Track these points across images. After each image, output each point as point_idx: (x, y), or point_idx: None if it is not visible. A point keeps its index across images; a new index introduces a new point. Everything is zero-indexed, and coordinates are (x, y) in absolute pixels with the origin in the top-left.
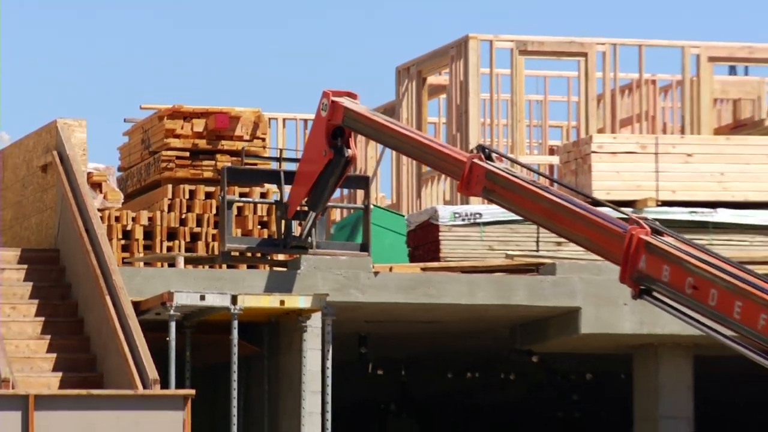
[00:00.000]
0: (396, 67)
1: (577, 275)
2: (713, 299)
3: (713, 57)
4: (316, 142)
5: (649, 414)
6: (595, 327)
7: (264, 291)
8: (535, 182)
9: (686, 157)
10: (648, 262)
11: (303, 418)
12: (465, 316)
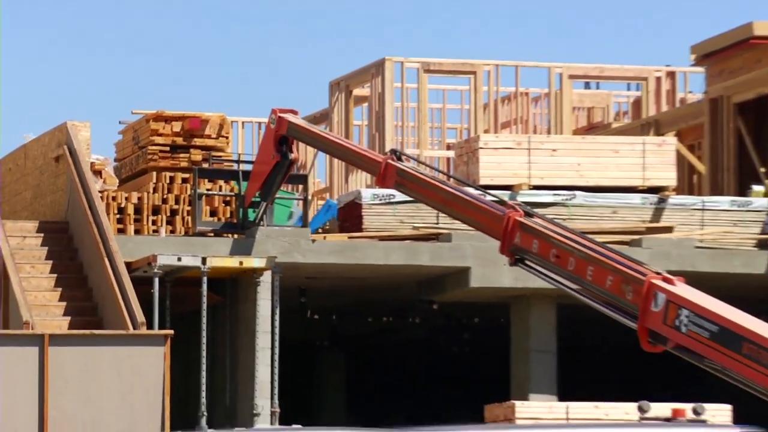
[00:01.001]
0: (329, 82)
1: (467, 242)
2: (571, 265)
3: (572, 75)
4: (267, 148)
5: (522, 348)
6: (481, 282)
7: (227, 254)
8: (435, 177)
9: (551, 152)
10: (521, 238)
11: (257, 353)
12: (382, 273)
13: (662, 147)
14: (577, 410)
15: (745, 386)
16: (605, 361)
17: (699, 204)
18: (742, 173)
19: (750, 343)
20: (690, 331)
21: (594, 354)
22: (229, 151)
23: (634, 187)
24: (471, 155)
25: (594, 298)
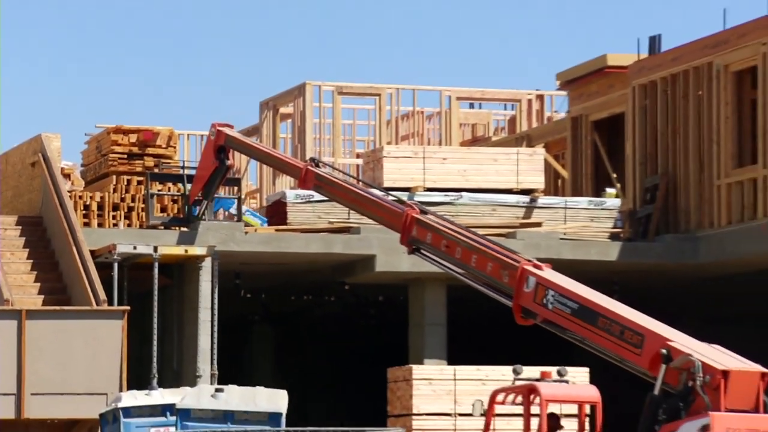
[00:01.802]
0: (259, 102)
1: (373, 235)
2: (458, 254)
3: (459, 97)
4: (207, 156)
5: (418, 322)
6: (384, 267)
7: (175, 244)
8: (346, 181)
9: (442, 160)
10: (417, 231)
11: (199, 325)
12: (303, 260)
13: (533, 156)
14: (462, 372)
15: (599, 353)
16: (487, 332)
17: (562, 203)
18: (597, 178)
19: (603, 318)
20: (555, 308)
21: (478, 327)
22: (176, 159)
23: (510, 189)
24: (376, 163)
25: (477, 280)
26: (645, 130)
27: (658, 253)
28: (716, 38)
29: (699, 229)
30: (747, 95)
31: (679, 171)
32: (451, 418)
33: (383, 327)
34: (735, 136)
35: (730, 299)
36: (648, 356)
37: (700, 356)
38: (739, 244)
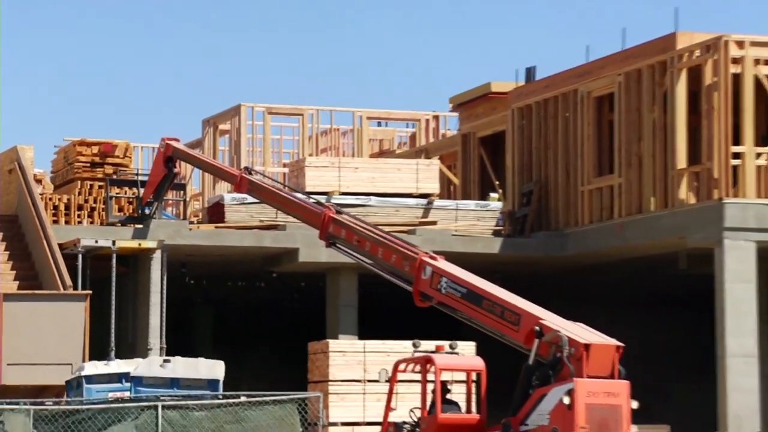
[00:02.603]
0: (202, 120)
1: (297, 231)
2: (368, 247)
3: (369, 117)
4: (158, 165)
5: (334, 304)
6: (306, 258)
7: (130, 238)
8: (275, 186)
9: (355, 169)
10: (333, 228)
11: (150, 307)
12: (238, 252)
13: (429, 167)
14: (370, 346)
15: (484, 329)
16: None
17: (454, 206)
18: (483, 185)
19: (487, 301)
20: (448, 292)
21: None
22: (131, 167)
23: (410, 194)
24: (300, 171)
25: (383, 269)
26: (522, 145)
27: (532, 247)
28: (580, 69)
29: (566, 227)
30: (605, 117)
31: (550, 179)
32: (361, 383)
33: (305, 308)
34: (595, 151)
35: (592, 285)
36: (524, 332)
37: (567, 332)
38: (598, 240)
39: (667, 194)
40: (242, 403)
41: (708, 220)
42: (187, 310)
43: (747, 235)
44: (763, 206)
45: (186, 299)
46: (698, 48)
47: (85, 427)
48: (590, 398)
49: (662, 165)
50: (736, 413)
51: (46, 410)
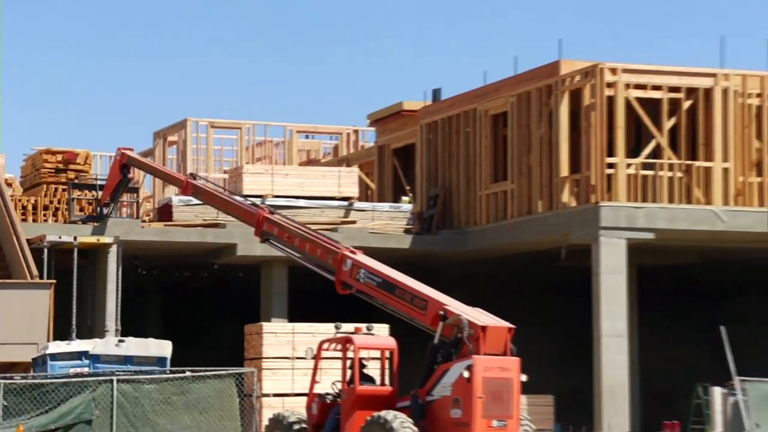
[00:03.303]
0: (153, 132)
1: (236, 229)
2: (297, 243)
3: (299, 131)
4: (114, 171)
5: (267, 291)
6: (243, 252)
7: (90, 234)
8: (216, 189)
9: (285, 176)
10: (267, 226)
11: (107, 294)
12: (184, 247)
13: (350, 174)
14: (298, 328)
15: (396, 314)
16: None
17: (371, 207)
18: (396, 189)
19: (399, 289)
20: (365, 282)
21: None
22: (91, 173)
23: (334, 197)
24: (238, 177)
25: (310, 262)
26: (429, 155)
27: (438, 243)
28: (479, 91)
29: (467, 226)
30: (500, 132)
31: (453, 184)
32: (290, 360)
33: (242, 295)
34: (492, 161)
35: (488, 275)
36: (430, 316)
37: (467, 316)
38: (494, 237)
39: (552, 198)
40: (187, 377)
41: (586, 221)
42: (140, 297)
43: (619, 234)
44: (632, 208)
45: (138, 288)
46: (578, 74)
47: (50, 398)
48: (486, 372)
49: (548, 173)
50: (609, 385)
51: (15, 384)
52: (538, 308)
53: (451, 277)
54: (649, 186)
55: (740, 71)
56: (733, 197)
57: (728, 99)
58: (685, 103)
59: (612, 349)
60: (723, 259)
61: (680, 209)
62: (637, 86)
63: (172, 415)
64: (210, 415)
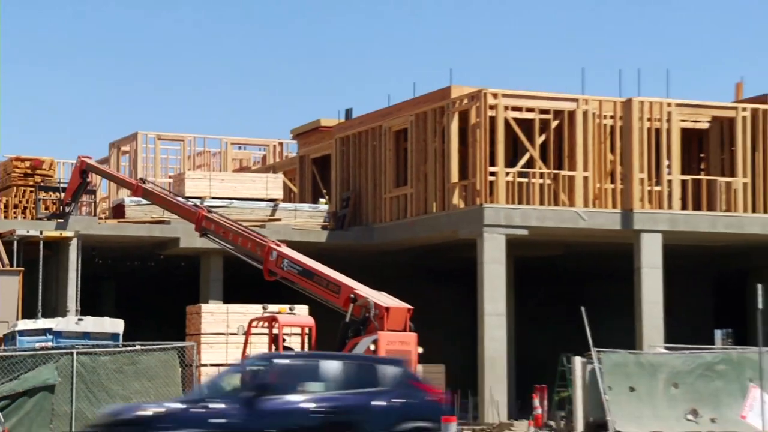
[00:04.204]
0: (109, 143)
1: (179, 225)
2: (231, 236)
3: (232, 142)
4: (75, 176)
5: (206, 278)
6: (186, 245)
7: (54, 229)
8: (163, 191)
9: (221, 180)
10: (205, 223)
11: (68, 281)
12: (135, 240)
13: (276, 179)
14: (232, 308)
15: (314, 297)
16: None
17: (293, 207)
18: (314, 193)
19: (317, 276)
20: (288, 270)
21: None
22: (55, 177)
23: (262, 198)
24: (181, 181)
25: (242, 253)
26: (342, 164)
27: (350, 237)
28: (384, 111)
29: (374, 223)
30: (402, 145)
31: (362, 189)
32: (224, 336)
33: (184, 281)
34: (394, 169)
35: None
36: (342, 298)
37: (373, 298)
38: (396, 233)
39: (444, 200)
40: (137, 350)
41: (472, 219)
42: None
43: (499, 230)
44: (510, 209)
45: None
46: (466, 97)
47: (18, 368)
48: (389, 345)
49: (441, 180)
50: (490, 356)
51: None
52: (432, 292)
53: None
54: (523, 191)
55: (597, 97)
56: (591, 200)
57: (588, 120)
58: (553, 122)
59: (493, 326)
60: (584, 251)
61: (549, 210)
62: (514, 108)
63: (123, 382)
64: (156, 382)
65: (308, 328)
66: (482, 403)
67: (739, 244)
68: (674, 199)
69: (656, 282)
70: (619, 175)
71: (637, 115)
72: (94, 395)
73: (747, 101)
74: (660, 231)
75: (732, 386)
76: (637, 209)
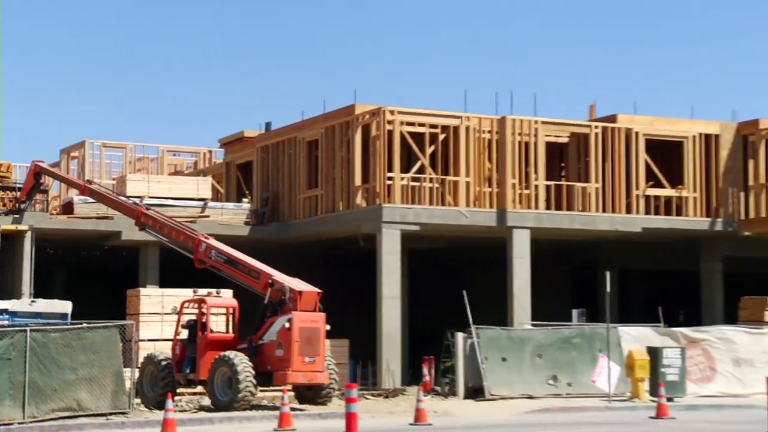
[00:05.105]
0: (60, 149)
1: (121, 220)
2: (165, 230)
3: (168, 150)
4: (29, 178)
5: (144, 266)
6: (127, 237)
7: (11, 224)
8: (107, 191)
9: (158, 182)
10: (144, 219)
11: (23, 267)
12: (82, 234)
13: (205, 181)
14: (167, 292)
15: (238, 282)
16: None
17: (220, 206)
18: (239, 193)
19: (240, 264)
20: (216, 259)
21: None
22: (11, 178)
23: (193, 198)
24: (123, 183)
25: (176, 245)
26: (263, 170)
27: (269, 232)
28: (299, 124)
29: (290, 219)
30: (314, 154)
31: (279, 190)
32: (160, 315)
33: (126, 268)
34: (307, 174)
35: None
36: (262, 284)
37: (288, 283)
38: (309, 228)
39: (349, 201)
40: (83, 327)
41: (373, 217)
42: (48, 270)
43: (395, 226)
44: (404, 209)
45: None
46: (368, 114)
47: None
48: (302, 324)
49: (346, 183)
50: (387, 332)
51: None
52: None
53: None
54: (416, 193)
55: (477, 115)
56: (472, 201)
57: (469, 134)
58: (440, 135)
59: (389, 307)
60: (466, 244)
61: (437, 209)
62: (408, 123)
63: (71, 355)
64: (100, 355)
65: (232, 309)
66: (380, 372)
67: (592, 238)
68: (540, 200)
69: (525, 270)
70: (495, 180)
71: (509, 131)
72: (45, 367)
73: (599, 120)
74: (528, 227)
75: (585, 356)
76: (510, 209)
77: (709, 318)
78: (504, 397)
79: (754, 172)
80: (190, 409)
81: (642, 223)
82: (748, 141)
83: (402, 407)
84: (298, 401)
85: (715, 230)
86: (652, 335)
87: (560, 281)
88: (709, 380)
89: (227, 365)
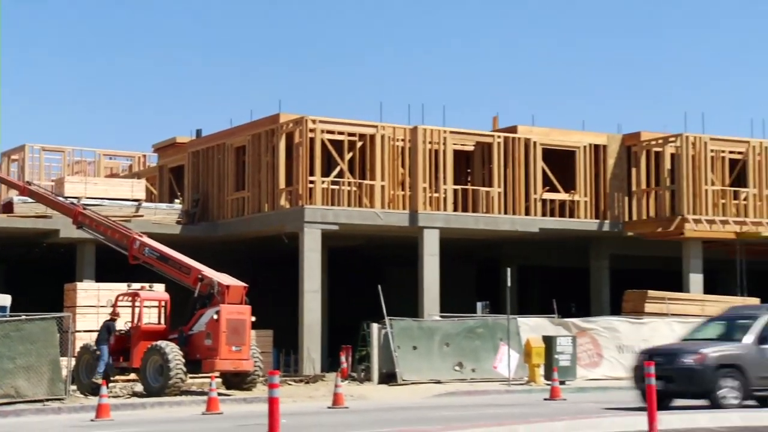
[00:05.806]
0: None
1: (59, 219)
2: (101, 228)
3: (104, 154)
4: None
5: (81, 263)
6: (65, 235)
7: None
8: (46, 191)
9: (95, 184)
10: (81, 218)
11: None
12: (23, 231)
13: (140, 183)
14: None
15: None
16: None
17: (153, 206)
18: (171, 194)
19: (171, 260)
20: (149, 256)
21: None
22: None
23: (128, 199)
24: (62, 184)
25: (111, 242)
26: (194, 173)
27: (199, 230)
28: (228, 132)
29: (218, 219)
30: (241, 159)
31: (209, 192)
32: (95, 308)
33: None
34: (235, 177)
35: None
36: (192, 278)
37: (217, 278)
38: (237, 227)
39: (274, 202)
40: (21, 319)
41: (296, 217)
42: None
43: (316, 226)
44: (325, 210)
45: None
46: (291, 122)
47: None
48: (229, 315)
49: (272, 186)
50: (308, 323)
51: None
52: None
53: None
54: (335, 195)
55: (392, 124)
56: (387, 203)
57: (384, 142)
58: (358, 143)
59: (310, 300)
60: (381, 242)
61: (355, 210)
62: (329, 131)
63: (10, 345)
64: (38, 345)
65: (164, 302)
66: (301, 359)
67: (495, 237)
68: (448, 203)
69: (434, 266)
70: (407, 184)
71: (421, 139)
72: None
73: (501, 131)
74: (438, 227)
75: (487, 344)
76: (421, 211)
77: (597, 309)
78: (415, 382)
79: (636, 179)
80: (124, 395)
81: (539, 224)
82: (632, 151)
83: (321, 392)
84: (225, 387)
85: (603, 231)
86: (547, 325)
87: (466, 277)
88: (596, 365)
89: (159, 354)
